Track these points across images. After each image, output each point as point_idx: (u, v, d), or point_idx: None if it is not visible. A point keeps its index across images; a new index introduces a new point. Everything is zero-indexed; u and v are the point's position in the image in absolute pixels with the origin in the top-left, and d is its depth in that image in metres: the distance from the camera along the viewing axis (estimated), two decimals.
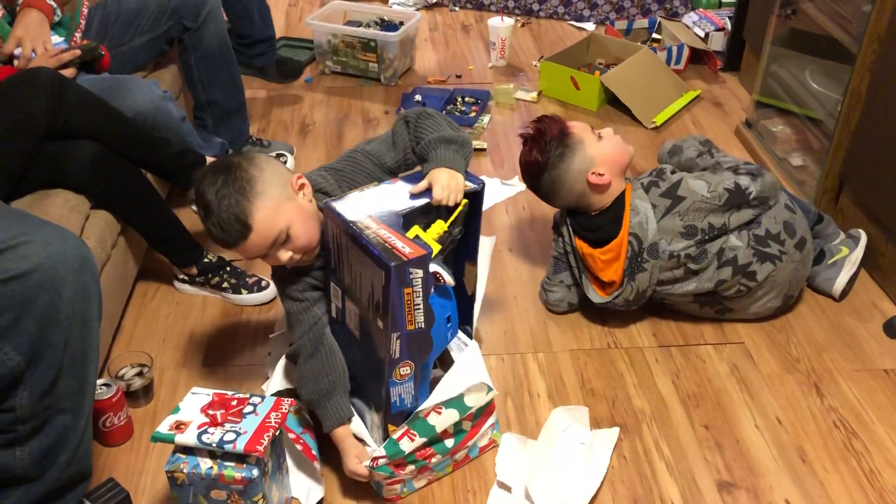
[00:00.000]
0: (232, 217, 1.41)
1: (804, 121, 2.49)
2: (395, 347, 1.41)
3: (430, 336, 1.46)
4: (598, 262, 1.86)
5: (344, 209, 1.43)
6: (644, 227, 1.79)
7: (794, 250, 1.86)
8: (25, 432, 1.24)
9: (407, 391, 1.48)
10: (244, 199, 1.40)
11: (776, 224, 1.85)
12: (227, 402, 1.42)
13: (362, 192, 1.50)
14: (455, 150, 1.51)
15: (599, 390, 1.79)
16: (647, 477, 1.60)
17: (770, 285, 1.86)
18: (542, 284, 2.03)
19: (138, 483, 1.58)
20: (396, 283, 1.33)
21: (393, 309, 1.36)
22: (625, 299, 1.85)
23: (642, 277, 1.82)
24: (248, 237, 1.43)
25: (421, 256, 1.34)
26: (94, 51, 2.02)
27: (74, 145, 1.74)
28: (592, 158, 1.83)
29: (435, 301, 1.47)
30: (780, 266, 1.84)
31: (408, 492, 1.55)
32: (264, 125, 2.84)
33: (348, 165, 1.60)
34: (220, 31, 2.32)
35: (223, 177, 1.42)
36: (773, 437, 1.68)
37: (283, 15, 3.74)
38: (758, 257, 1.82)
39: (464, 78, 3.19)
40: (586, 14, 3.65)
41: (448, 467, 1.59)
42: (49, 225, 1.26)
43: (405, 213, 1.44)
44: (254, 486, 1.35)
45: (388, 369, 1.43)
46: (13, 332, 1.17)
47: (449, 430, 1.52)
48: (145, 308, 2.03)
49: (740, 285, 1.84)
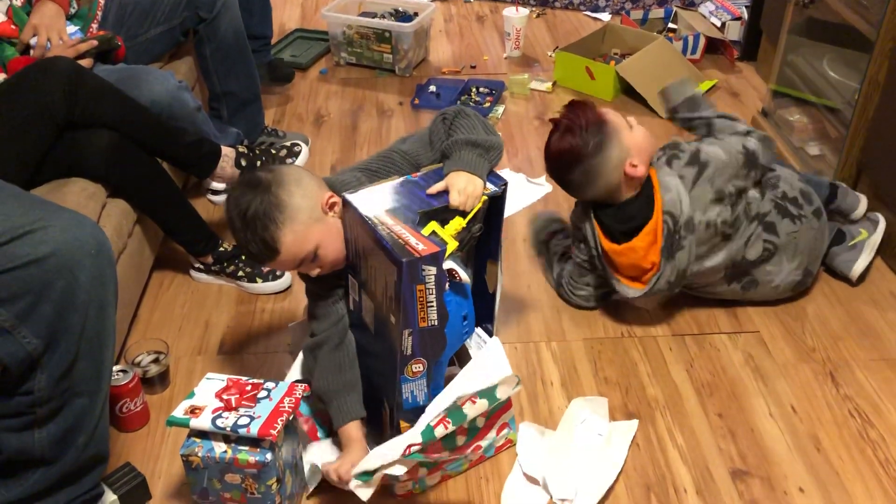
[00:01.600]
0: (259, 240, 1.42)
1: (821, 110, 2.47)
2: (408, 344, 1.39)
3: (444, 334, 1.44)
4: (639, 250, 1.79)
5: (361, 203, 1.42)
6: (677, 203, 1.75)
7: (812, 216, 1.86)
8: (44, 415, 1.26)
9: (419, 388, 1.47)
10: (272, 224, 1.41)
11: (793, 190, 1.86)
12: (242, 387, 1.44)
13: (381, 185, 1.48)
14: (480, 153, 1.48)
15: (613, 379, 1.79)
16: (660, 465, 1.59)
17: (793, 250, 1.85)
18: (565, 285, 1.99)
19: (154, 468, 1.60)
20: (408, 280, 1.32)
21: (405, 305, 1.34)
22: (667, 281, 1.79)
23: (682, 255, 1.77)
24: (276, 259, 1.45)
25: (434, 253, 1.32)
26: (110, 41, 2.04)
27: (91, 134, 1.75)
28: (629, 149, 1.77)
29: (450, 299, 1.46)
30: (801, 228, 1.84)
31: (420, 489, 1.55)
32: (279, 116, 2.86)
33: (384, 166, 1.57)
34: (236, 22, 2.33)
35: (252, 198, 1.42)
36: (787, 426, 1.67)
37: (299, 7, 3.75)
38: (778, 211, 1.82)
39: (478, 68, 3.18)
40: (602, 4, 3.63)
41: (463, 465, 1.58)
42: (66, 210, 1.27)
43: (422, 209, 1.43)
44: (267, 470, 1.36)
45: (400, 365, 1.42)
46: (31, 316, 1.19)
47: (465, 424, 1.49)
48: (161, 296, 2.05)
49: (764, 242, 1.82)
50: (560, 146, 1.78)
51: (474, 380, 1.46)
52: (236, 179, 2.02)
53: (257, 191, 1.42)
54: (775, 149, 1.88)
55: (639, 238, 1.79)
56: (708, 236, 1.79)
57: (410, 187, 1.48)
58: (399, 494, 1.54)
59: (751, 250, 1.83)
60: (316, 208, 1.45)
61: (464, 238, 1.48)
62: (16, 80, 1.73)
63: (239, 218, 1.43)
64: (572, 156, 1.76)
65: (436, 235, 1.40)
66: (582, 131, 1.75)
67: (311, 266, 1.48)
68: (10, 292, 1.17)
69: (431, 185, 1.47)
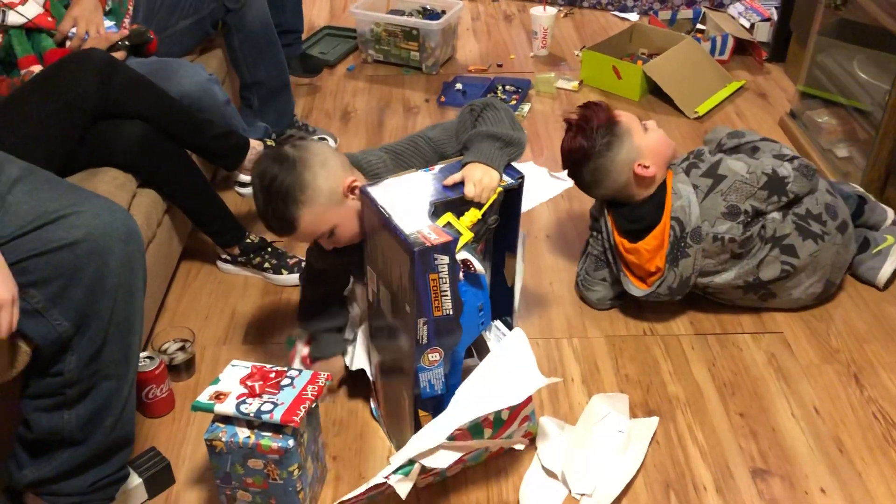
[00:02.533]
0: (280, 216, 1.48)
1: (850, 111, 2.45)
2: (423, 333, 1.41)
3: (459, 323, 1.45)
4: (644, 253, 1.83)
5: (378, 194, 1.44)
6: (686, 210, 1.77)
7: (835, 232, 1.84)
8: (73, 396, 1.28)
9: (437, 377, 1.48)
10: (293, 203, 1.46)
11: (817, 205, 1.83)
12: (266, 374, 1.46)
13: (399, 177, 1.50)
14: (499, 147, 1.50)
15: (634, 376, 1.79)
16: (679, 462, 1.59)
17: (813, 268, 1.84)
18: (580, 282, 2.00)
19: (179, 453, 1.62)
20: (421, 269, 1.34)
21: (418, 294, 1.36)
22: (668, 287, 1.82)
23: (686, 263, 1.79)
24: (293, 234, 1.51)
25: (446, 243, 1.34)
26: (143, 35, 2.08)
27: (123, 124, 1.79)
28: (639, 149, 1.81)
29: (466, 289, 1.47)
30: (823, 246, 1.82)
31: (440, 478, 1.57)
32: (307, 112, 2.88)
33: (409, 149, 1.62)
34: (263, 11, 2.36)
35: (277, 173, 1.46)
36: (809, 427, 1.66)
37: (328, 5, 3.78)
38: (799, 233, 1.80)
39: (505, 67, 3.19)
40: (630, 4, 3.62)
41: (482, 456, 1.59)
42: (98, 197, 1.30)
43: (438, 200, 1.45)
44: (289, 456, 1.38)
45: (416, 354, 1.43)
46: (62, 300, 1.22)
47: (490, 417, 1.50)
48: (189, 286, 2.08)
49: (782, 264, 1.81)
50: (571, 145, 1.84)
51: (498, 369, 1.48)
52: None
53: (283, 167, 1.46)
54: (816, 179, 1.85)
55: (645, 241, 1.82)
56: (715, 250, 1.79)
57: (427, 179, 1.50)
58: (420, 487, 1.55)
59: (765, 271, 1.82)
60: (337, 191, 1.49)
61: (480, 230, 1.49)
62: (51, 70, 1.76)
63: (262, 191, 1.48)
64: (581, 154, 1.82)
65: (450, 226, 1.42)
66: (592, 131, 1.80)
67: (327, 242, 1.55)
68: (43, 275, 1.20)
69: (446, 180, 1.48)
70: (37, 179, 1.27)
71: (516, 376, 1.49)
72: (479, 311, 1.55)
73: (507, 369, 1.51)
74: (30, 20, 1.94)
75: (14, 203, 1.22)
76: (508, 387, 1.47)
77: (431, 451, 1.39)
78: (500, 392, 1.46)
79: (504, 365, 1.52)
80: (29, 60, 1.93)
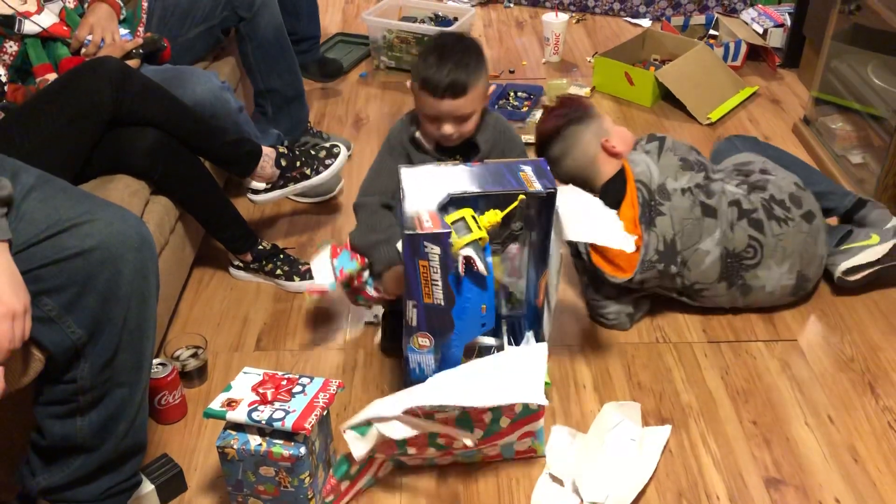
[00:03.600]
0: (455, 82, 1.63)
1: (865, 117, 2.43)
2: (412, 315, 1.46)
3: (450, 316, 1.49)
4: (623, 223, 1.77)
5: (406, 176, 1.51)
6: (647, 172, 1.86)
7: (800, 219, 1.88)
8: (86, 403, 1.29)
9: (427, 363, 1.53)
10: (468, 78, 1.65)
11: (781, 193, 1.90)
12: (278, 381, 1.46)
13: (438, 167, 1.56)
14: None
15: (646, 384, 1.78)
16: (692, 471, 1.58)
17: (781, 254, 1.85)
18: (593, 311, 1.96)
19: (191, 460, 1.63)
20: (409, 252, 1.40)
21: (408, 277, 1.42)
22: (655, 250, 1.81)
23: (663, 222, 1.82)
24: (452, 101, 1.65)
25: (437, 233, 1.38)
26: (157, 43, 2.09)
27: (136, 132, 1.80)
28: (608, 131, 1.95)
29: (469, 287, 1.49)
30: (788, 231, 1.85)
31: (428, 463, 1.59)
32: (318, 118, 2.89)
33: None
34: (276, 19, 2.37)
35: (463, 49, 1.67)
36: (824, 436, 1.65)
37: (340, 11, 3.79)
38: (765, 212, 1.86)
39: (517, 73, 3.19)
40: (642, 10, 3.62)
41: (476, 457, 1.59)
42: (111, 205, 1.31)
43: (458, 194, 1.47)
44: (301, 464, 1.38)
45: (406, 335, 1.50)
46: (76, 307, 1.23)
47: (486, 418, 1.51)
48: (201, 293, 2.09)
49: (749, 238, 1.84)
50: (543, 125, 2.00)
51: (501, 370, 1.49)
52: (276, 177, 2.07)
53: (468, 45, 1.68)
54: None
55: (621, 212, 1.82)
56: (688, 205, 1.83)
57: (460, 173, 1.54)
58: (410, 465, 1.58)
59: (737, 240, 1.84)
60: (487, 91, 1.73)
61: (498, 232, 1.51)
62: (66, 79, 1.77)
63: (451, 53, 1.65)
64: (553, 124, 1.97)
65: (464, 222, 1.43)
66: (565, 108, 1.98)
67: (454, 124, 1.68)
68: (57, 283, 1.21)
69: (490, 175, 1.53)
70: (51, 188, 1.28)
71: (514, 383, 1.48)
72: (483, 312, 1.55)
73: (511, 374, 1.51)
74: (45, 29, 1.95)
75: (29, 211, 1.22)
76: (497, 389, 1.46)
77: (387, 419, 1.41)
78: (485, 390, 1.45)
79: (510, 368, 1.52)
80: (44, 69, 1.95)
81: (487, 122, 1.77)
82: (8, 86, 1.86)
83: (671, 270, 1.84)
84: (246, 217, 2.06)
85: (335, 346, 1.91)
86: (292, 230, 2.33)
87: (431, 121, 1.71)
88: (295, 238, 2.29)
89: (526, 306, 1.73)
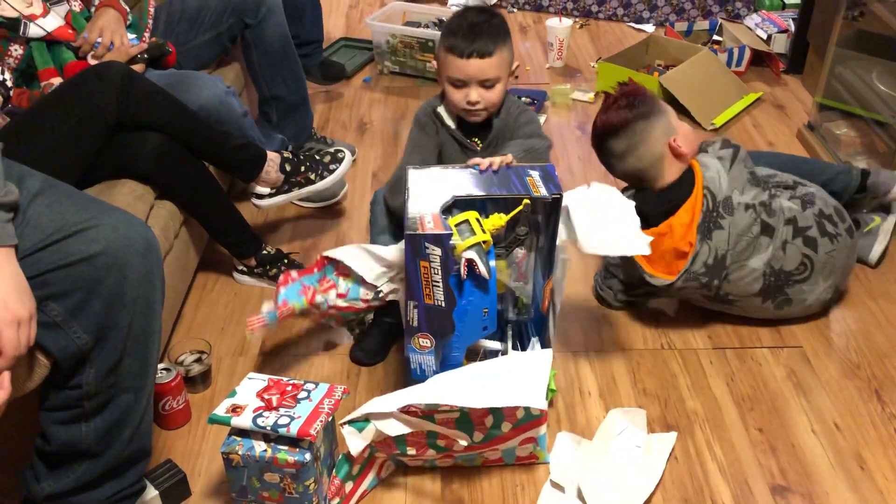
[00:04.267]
0: (481, 43, 1.67)
1: (870, 123, 2.43)
2: (413, 315, 1.47)
3: (451, 317, 1.49)
4: (678, 228, 1.78)
5: (413, 177, 1.51)
6: (717, 181, 1.79)
7: (846, 234, 1.86)
8: (91, 408, 1.29)
9: (427, 363, 1.53)
10: (494, 41, 1.69)
11: (828, 207, 1.86)
12: (283, 387, 1.46)
13: (447, 169, 1.56)
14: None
15: (652, 391, 1.78)
16: (698, 478, 1.58)
17: (829, 269, 1.84)
18: (601, 276, 2.01)
19: (195, 465, 1.62)
20: (411, 253, 1.40)
21: (409, 277, 1.43)
22: (703, 263, 1.76)
23: (720, 237, 1.76)
24: (479, 61, 1.68)
25: (438, 235, 1.38)
26: (161, 48, 2.09)
27: (141, 136, 1.79)
28: (675, 129, 1.86)
29: (470, 290, 1.49)
30: (838, 247, 1.83)
31: (428, 465, 1.59)
32: (322, 123, 2.89)
33: None
34: (281, 27, 2.37)
35: (489, 16, 1.72)
36: (830, 443, 1.64)
37: (344, 16, 3.79)
38: (818, 228, 1.82)
39: (521, 79, 3.19)
40: (646, 16, 3.62)
41: (477, 460, 1.59)
42: (117, 210, 1.30)
43: (463, 196, 1.47)
44: (306, 470, 1.38)
45: (407, 335, 1.50)
46: (82, 312, 1.22)
47: (487, 422, 1.50)
48: (205, 297, 2.09)
49: (803, 256, 1.80)
50: (608, 116, 1.87)
51: (503, 374, 1.49)
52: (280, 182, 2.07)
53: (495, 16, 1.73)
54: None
55: (677, 216, 1.79)
56: (749, 222, 1.77)
57: (467, 175, 1.54)
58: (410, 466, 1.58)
59: (789, 260, 1.80)
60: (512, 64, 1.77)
61: (503, 235, 1.51)
62: (70, 83, 1.77)
63: (481, 19, 1.70)
64: (620, 122, 1.84)
65: (467, 224, 1.43)
66: (633, 101, 1.85)
67: (480, 89, 1.71)
68: (63, 288, 1.20)
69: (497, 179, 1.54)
70: (57, 193, 1.27)
71: (515, 387, 1.48)
72: (484, 315, 1.55)
73: (513, 378, 1.51)
74: (50, 32, 1.95)
75: (34, 216, 1.22)
76: (497, 391, 1.46)
77: (385, 416, 1.41)
78: (485, 392, 1.45)
79: (513, 372, 1.51)
80: (49, 73, 1.95)
81: (509, 108, 1.80)
82: (13, 90, 1.86)
83: (713, 284, 1.80)
84: (250, 221, 2.06)
85: (340, 351, 1.91)
86: (296, 235, 2.32)
87: (458, 87, 1.72)
88: (299, 243, 2.29)
89: (532, 311, 1.72)
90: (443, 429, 1.46)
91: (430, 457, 1.54)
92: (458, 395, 1.43)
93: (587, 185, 1.66)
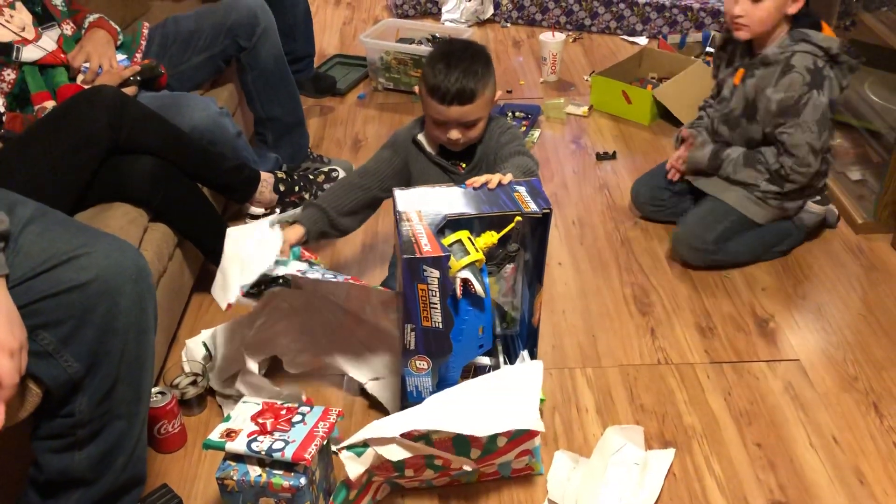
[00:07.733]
0: (462, 89, 1.67)
1: (863, 134, 2.44)
2: (410, 339, 1.46)
3: (449, 338, 1.48)
4: None
5: (401, 197, 1.52)
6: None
7: None
8: (84, 437, 1.28)
9: (424, 385, 1.53)
10: (475, 86, 1.69)
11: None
12: (277, 411, 1.45)
13: (433, 188, 1.56)
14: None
15: (649, 406, 1.77)
16: (696, 495, 1.57)
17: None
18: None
19: (191, 489, 1.61)
20: (409, 276, 1.39)
21: (407, 300, 1.42)
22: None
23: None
24: (459, 108, 1.69)
25: (437, 257, 1.38)
26: (154, 69, 2.10)
27: (134, 160, 1.80)
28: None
29: (466, 309, 1.49)
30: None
31: (425, 486, 1.57)
32: (317, 140, 2.89)
33: None
34: (276, 48, 2.38)
35: (471, 56, 1.71)
36: (828, 457, 1.63)
37: (338, 33, 3.80)
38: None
39: (514, 93, 3.20)
40: (639, 28, 3.63)
41: (473, 477, 1.58)
42: (108, 236, 1.30)
43: (454, 216, 1.47)
44: (301, 495, 1.37)
45: (404, 358, 1.49)
46: (73, 340, 1.22)
47: (483, 438, 1.49)
48: (200, 319, 2.08)
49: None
50: None
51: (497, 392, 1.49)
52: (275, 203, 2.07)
53: (476, 55, 1.72)
54: None
55: None
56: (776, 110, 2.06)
57: (456, 195, 1.54)
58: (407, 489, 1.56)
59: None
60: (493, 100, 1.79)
61: (496, 254, 1.51)
62: (62, 109, 1.78)
63: (460, 61, 1.68)
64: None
65: (461, 244, 1.43)
66: None
67: (459, 130, 1.72)
68: (54, 317, 1.20)
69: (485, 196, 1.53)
70: (48, 220, 1.27)
71: (510, 407, 1.47)
72: (480, 334, 1.55)
73: (507, 396, 1.50)
74: (42, 57, 1.96)
75: (26, 244, 1.22)
76: (494, 414, 1.45)
77: (385, 442, 1.40)
78: (482, 416, 1.44)
79: (506, 389, 1.51)
80: (42, 96, 1.95)
81: (492, 131, 1.80)
82: (6, 114, 1.87)
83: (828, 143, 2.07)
84: None
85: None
86: None
87: (438, 126, 1.73)
88: None
89: (520, 325, 1.72)
90: (445, 454, 1.46)
91: (428, 477, 1.53)
92: (457, 421, 1.42)
93: None
